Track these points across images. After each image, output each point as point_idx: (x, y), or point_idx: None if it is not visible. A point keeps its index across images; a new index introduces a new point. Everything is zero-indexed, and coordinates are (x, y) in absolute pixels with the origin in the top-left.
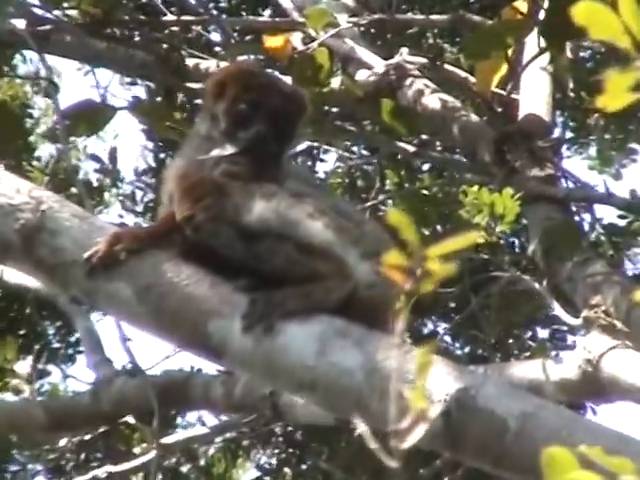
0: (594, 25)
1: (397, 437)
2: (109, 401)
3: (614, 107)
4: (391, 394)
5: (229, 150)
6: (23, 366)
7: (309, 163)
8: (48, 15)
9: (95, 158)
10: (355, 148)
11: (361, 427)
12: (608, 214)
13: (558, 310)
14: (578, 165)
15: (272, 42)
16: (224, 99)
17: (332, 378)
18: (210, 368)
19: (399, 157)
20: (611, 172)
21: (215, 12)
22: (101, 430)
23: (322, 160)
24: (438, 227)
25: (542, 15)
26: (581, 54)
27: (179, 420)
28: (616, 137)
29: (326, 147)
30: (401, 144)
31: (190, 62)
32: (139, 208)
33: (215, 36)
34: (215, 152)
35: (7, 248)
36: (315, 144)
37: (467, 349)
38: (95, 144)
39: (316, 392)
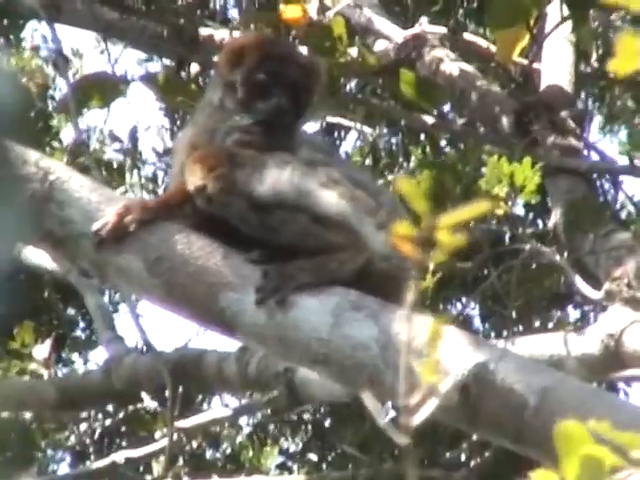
0: None
1: (408, 413)
2: (121, 378)
3: (626, 71)
4: (400, 368)
5: (245, 120)
6: (41, 351)
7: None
8: None
9: (116, 138)
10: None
11: (369, 403)
12: (632, 186)
13: (580, 283)
14: (602, 139)
15: (289, 12)
16: (242, 68)
17: (346, 352)
18: (225, 345)
19: (419, 132)
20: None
21: None
22: (122, 416)
23: (343, 139)
24: (459, 198)
25: None
26: (605, 23)
27: (200, 403)
28: None
29: (346, 126)
30: (421, 116)
31: (204, 32)
32: (161, 190)
33: (233, 12)
34: (229, 122)
35: None
36: (334, 121)
37: (488, 323)
38: (115, 124)
39: (330, 366)
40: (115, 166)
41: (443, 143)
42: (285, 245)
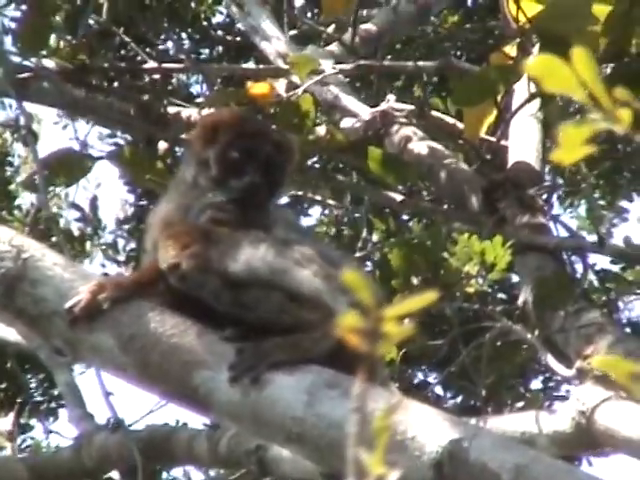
0: (549, 78)
1: None
2: (91, 456)
3: (569, 161)
4: (348, 459)
5: (218, 198)
6: (4, 423)
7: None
8: (27, 63)
9: (76, 207)
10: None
11: None
12: (601, 262)
13: (551, 361)
14: (562, 213)
15: (256, 89)
16: (215, 145)
17: (320, 430)
18: (195, 422)
19: (386, 210)
20: (602, 232)
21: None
22: None
23: (307, 214)
24: (429, 276)
25: (532, 60)
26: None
27: (164, 475)
28: (605, 195)
29: (311, 198)
30: (388, 193)
31: (171, 110)
32: (121, 257)
33: (196, 88)
34: (203, 199)
35: None
36: (299, 194)
37: (458, 400)
38: (76, 193)
39: (304, 444)
40: (76, 234)
41: (406, 217)
42: (259, 323)
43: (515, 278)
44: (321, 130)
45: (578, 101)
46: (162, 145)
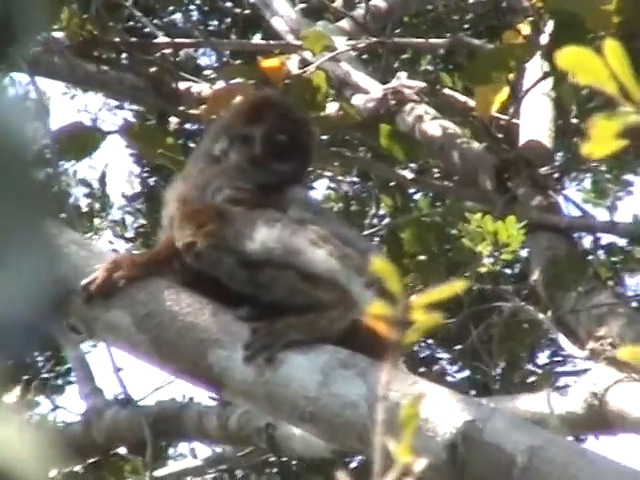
0: (580, 70)
1: None
2: (101, 432)
3: (599, 154)
4: (375, 447)
5: (256, 178)
6: (11, 396)
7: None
8: (37, 37)
9: (85, 183)
10: (347, 179)
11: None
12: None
13: (563, 341)
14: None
15: (267, 64)
16: (261, 124)
17: (334, 410)
18: (204, 398)
19: (393, 184)
20: (606, 204)
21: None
22: (91, 461)
23: (312, 188)
24: (442, 256)
25: (545, 38)
26: None
27: (171, 451)
28: (612, 168)
29: (319, 173)
30: (398, 170)
31: (182, 86)
32: (129, 234)
33: (204, 60)
34: (224, 175)
35: None
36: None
37: (468, 379)
38: (85, 169)
39: (318, 424)
40: (84, 210)
41: (412, 191)
42: (274, 302)
43: (524, 254)
44: (333, 106)
45: (608, 93)
46: (173, 120)
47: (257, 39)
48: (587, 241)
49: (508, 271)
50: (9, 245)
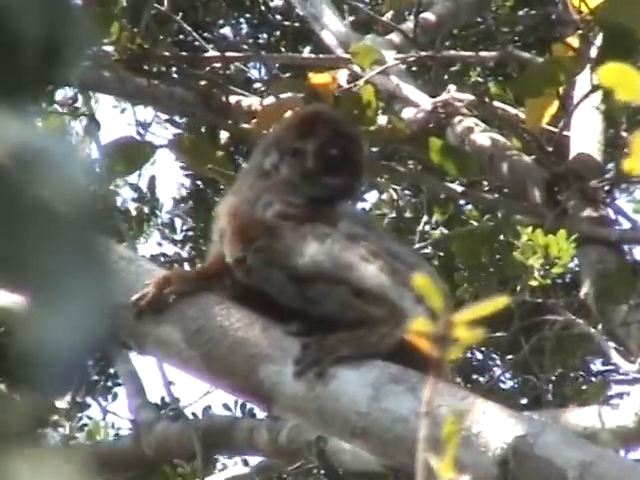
0: (620, 86)
1: None
2: (151, 445)
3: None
4: (417, 463)
5: (307, 192)
6: (62, 401)
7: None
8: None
9: (134, 187)
10: (398, 188)
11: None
12: None
13: (614, 355)
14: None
15: (317, 79)
16: (314, 138)
17: (385, 425)
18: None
19: (442, 197)
20: None
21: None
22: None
23: (363, 200)
24: (490, 269)
25: (594, 52)
26: None
27: (222, 459)
28: None
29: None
30: (448, 184)
31: (232, 100)
32: (178, 237)
33: (254, 73)
34: (274, 190)
35: None
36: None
37: (520, 391)
38: (133, 177)
39: (369, 439)
40: (133, 214)
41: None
42: (325, 317)
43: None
44: (382, 120)
45: None
46: (223, 134)
47: (307, 52)
48: (638, 253)
49: (559, 281)
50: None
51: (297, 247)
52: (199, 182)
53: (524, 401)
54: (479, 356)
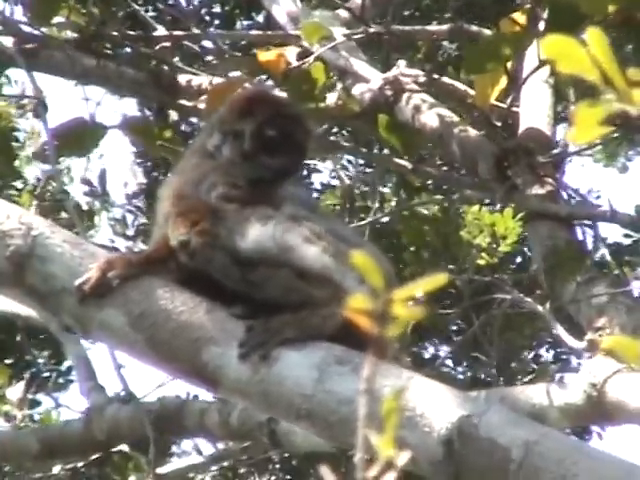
0: (562, 58)
1: None
2: (102, 429)
3: (583, 140)
4: (357, 441)
5: (246, 173)
6: (14, 392)
7: (304, 173)
8: (36, 32)
9: (85, 181)
10: (352, 159)
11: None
12: (612, 232)
13: (562, 333)
14: (580, 179)
15: (266, 56)
16: (252, 119)
17: (331, 407)
18: (206, 395)
19: (398, 175)
20: (617, 165)
21: (208, 18)
22: (94, 458)
23: (318, 170)
24: (440, 248)
25: (542, 26)
26: None
27: (174, 449)
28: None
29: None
30: (398, 160)
31: (182, 79)
32: (130, 232)
33: (206, 44)
34: (218, 171)
35: None
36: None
37: (469, 372)
38: (82, 165)
39: (315, 421)
40: (84, 208)
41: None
42: (269, 300)
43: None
44: (332, 97)
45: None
46: (173, 114)
47: (257, 28)
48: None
49: (509, 260)
50: None
51: (240, 230)
52: (152, 174)
53: (472, 381)
54: (428, 346)
